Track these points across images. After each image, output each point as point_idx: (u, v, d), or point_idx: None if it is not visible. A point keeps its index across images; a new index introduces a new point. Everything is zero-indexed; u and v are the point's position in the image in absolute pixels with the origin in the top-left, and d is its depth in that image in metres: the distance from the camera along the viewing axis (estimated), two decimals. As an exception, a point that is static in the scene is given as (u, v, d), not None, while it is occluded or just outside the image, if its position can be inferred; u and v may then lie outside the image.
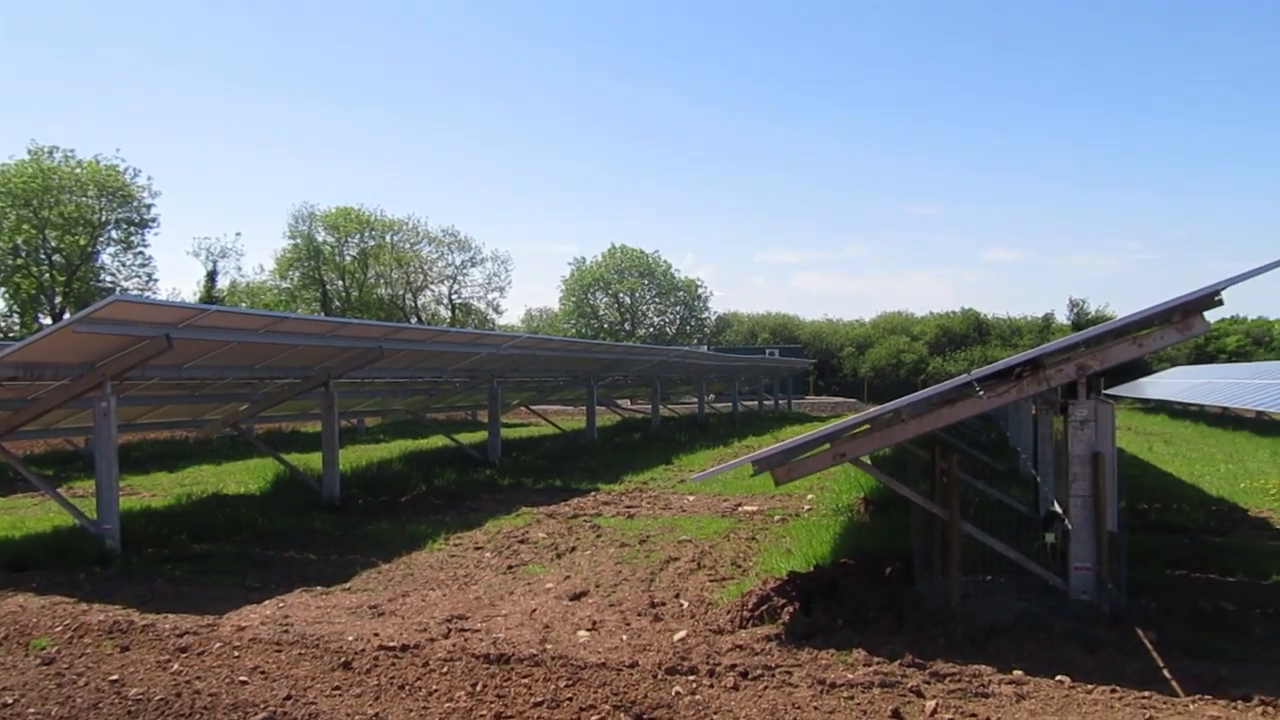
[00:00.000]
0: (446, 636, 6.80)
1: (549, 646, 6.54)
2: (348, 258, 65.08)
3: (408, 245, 67.09)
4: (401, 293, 67.55)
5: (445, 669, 6.06)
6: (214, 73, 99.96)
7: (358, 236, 65.06)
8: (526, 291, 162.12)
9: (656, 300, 73.04)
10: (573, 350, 20.82)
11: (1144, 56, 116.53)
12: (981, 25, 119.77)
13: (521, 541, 10.63)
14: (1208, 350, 65.53)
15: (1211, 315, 6.90)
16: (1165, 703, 5.24)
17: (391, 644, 6.54)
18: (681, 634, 6.76)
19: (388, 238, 66.10)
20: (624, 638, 6.75)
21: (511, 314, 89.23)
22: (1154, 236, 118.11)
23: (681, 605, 7.65)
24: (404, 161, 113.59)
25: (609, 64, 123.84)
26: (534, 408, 29.75)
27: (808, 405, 50.13)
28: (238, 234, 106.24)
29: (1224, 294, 6.53)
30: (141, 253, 55.22)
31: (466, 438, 22.77)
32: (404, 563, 9.53)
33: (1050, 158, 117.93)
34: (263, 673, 6.08)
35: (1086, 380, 6.91)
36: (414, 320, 64.49)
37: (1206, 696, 5.31)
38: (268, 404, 14.97)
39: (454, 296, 69.31)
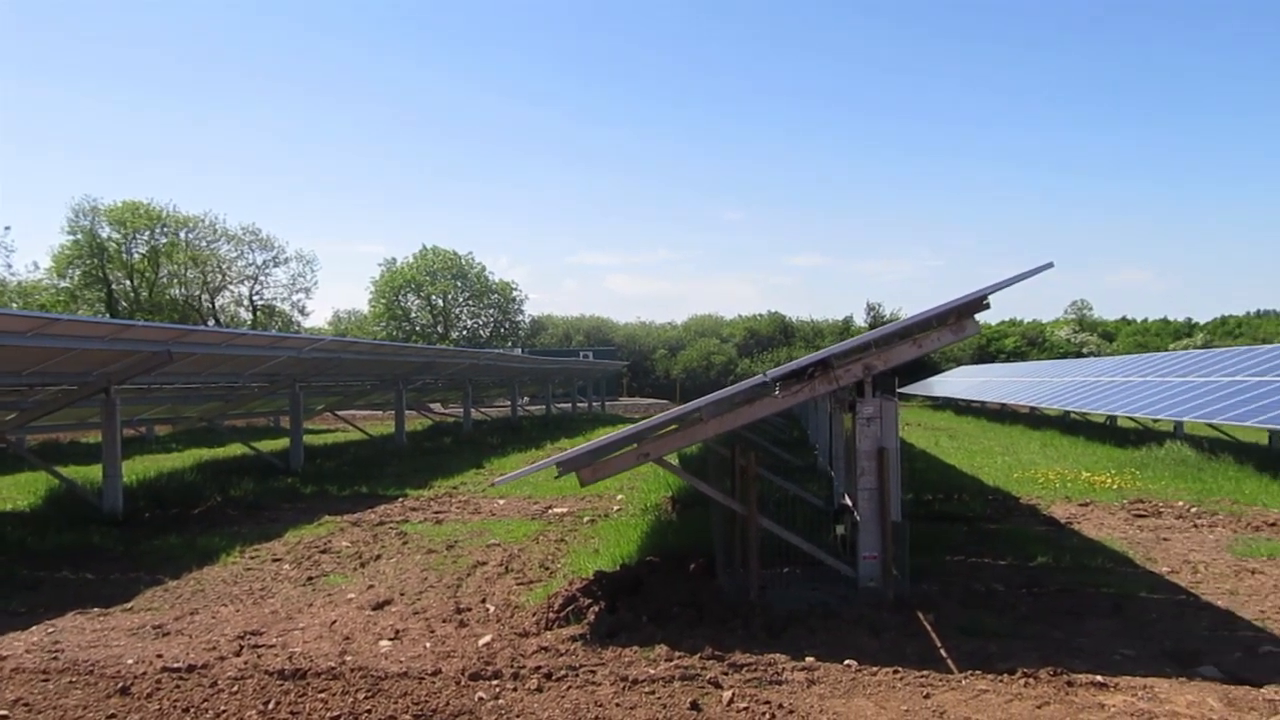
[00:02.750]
0: (238, 654, 6.47)
1: (349, 658, 6.34)
2: (136, 255, 60.80)
3: (204, 243, 63.35)
4: (198, 293, 63.79)
5: (235, 688, 5.76)
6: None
7: (148, 233, 60.84)
8: (335, 293, 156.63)
9: (470, 303, 72.12)
10: (381, 353, 20.28)
11: (933, 68, 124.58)
12: (786, 31, 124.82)
13: (323, 551, 10.26)
14: (989, 350, 70.70)
15: (984, 317, 7.44)
16: (941, 679, 5.60)
17: (176, 665, 6.16)
18: (487, 639, 6.70)
19: (182, 235, 62.16)
20: (428, 645, 6.63)
21: (318, 316, 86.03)
22: (942, 243, 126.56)
23: (488, 610, 7.58)
24: (199, 157, 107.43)
25: (417, 59, 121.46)
26: (340, 413, 28.77)
27: (621, 407, 50.72)
28: (6, 228, 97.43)
29: (998, 298, 7.05)
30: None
31: (267, 445, 21.78)
32: (194, 579, 9.01)
33: (850, 167, 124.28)
34: (26, 705, 5.59)
35: (873, 379, 7.30)
36: (211, 323, 60.99)
37: (977, 672, 5.72)
38: (40, 413, 13.81)
39: (255, 298, 66.07)
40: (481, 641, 6.65)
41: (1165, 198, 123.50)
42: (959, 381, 48.19)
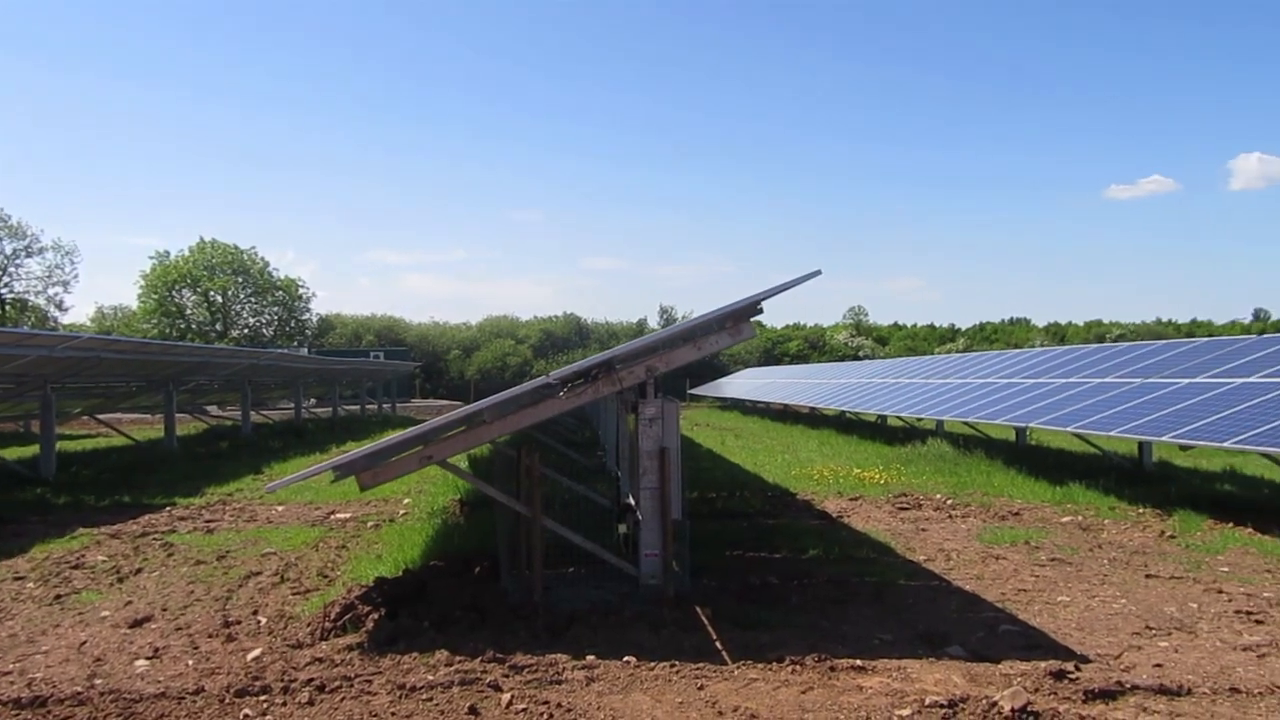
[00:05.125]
0: (-34, 684, 5.87)
1: (99, 682, 5.87)
2: None
3: (-61, 230, 57.20)
4: (-69, 285, 57.49)
5: (-39, 721, 5.22)
6: None
7: None
8: (100, 287, 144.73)
9: (252, 300, 68.33)
10: (148, 352, 18.95)
11: (728, 75, 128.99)
12: (583, 34, 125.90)
13: (75, 567, 9.45)
14: (775, 353, 73.92)
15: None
16: (715, 671, 5.79)
17: (-111, 699, 5.52)
18: (256, 652, 6.38)
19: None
20: (190, 663, 6.23)
21: (79, 312, 79.08)
22: (734, 249, 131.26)
23: (259, 622, 7.22)
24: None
25: (195, 36, 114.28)
26: (102, 417, 26.63)
27: (414, 408, 49.59)
28: None
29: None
30: None
31: (13, 452, 19.92)
32: (-83, 602, 8.10)
33: (645, 173, 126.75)
34: None
35: (655, 380, 7.47)
36: (-50, 317, 55.14)
37: (749, 661, 5.95)
38: None
39: (4, 290, 60.17)
40: (250, 656, 6.32)
41: (937, 210, 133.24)
42: (746, 383, 50.09)
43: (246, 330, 67.04)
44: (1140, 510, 11.84)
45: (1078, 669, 5.79)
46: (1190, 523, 10.85)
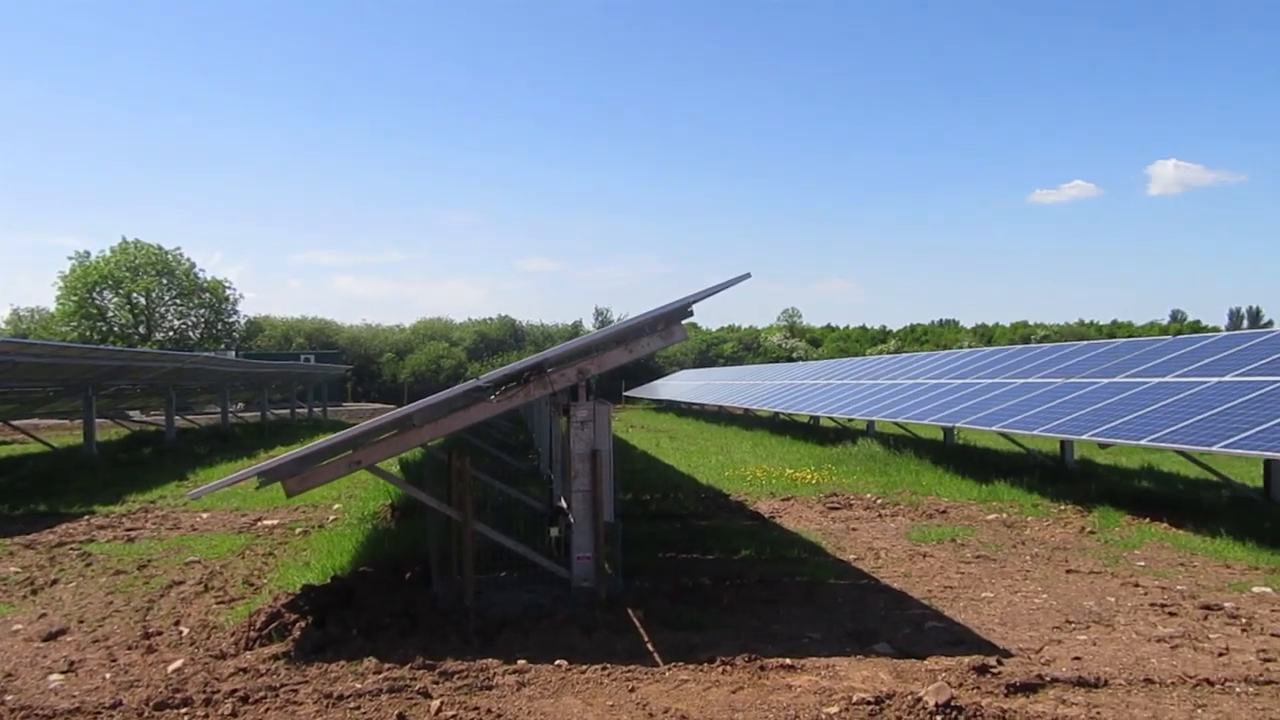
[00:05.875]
0: None
1: (9, 698, 5.67)
2: None
3: None
4: None
5: None
6: None
7: None
8: (15, 289, 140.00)
9: (178, 302, 66.62)
10: (65, 356, 18.37)
11: (665, 78, 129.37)
12: (516, 39, 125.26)
13: (-13, 579, 9.13)
14: (710, 355, 74.35)
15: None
16: (647, 673, 5.80)
17: None
18: (178, 664, 6.22)
19: None
20: (108, 676, 6.05)
21: (-8, 314, 76.46)
22: (670, 252, 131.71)
23: (181, 633, 7.04)
24: None
25: (121, 32, 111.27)
26: (16, 423, 25.75)
27: (346, 412, 48.84)
28: None
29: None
30: None
31: (-77, 461, 19.14)
32: None
33: (580, 176, 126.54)
34: None
35: (587, 383, 7.45)
36: None
37: (680, 663, 5.96)
38: None
39: (-89, 292, 57.86)
40: (171, 668, 6.16)
41: (868, 213, 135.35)
42: (681, 385, 50.30)
43: (172, 333, 65.35)
44: (1062, 507, 12.16)
45: (1000, 663, 5.92)
46: (1109, 519, 11.17)
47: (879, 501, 13.21)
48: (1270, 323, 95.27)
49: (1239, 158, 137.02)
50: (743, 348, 77.52)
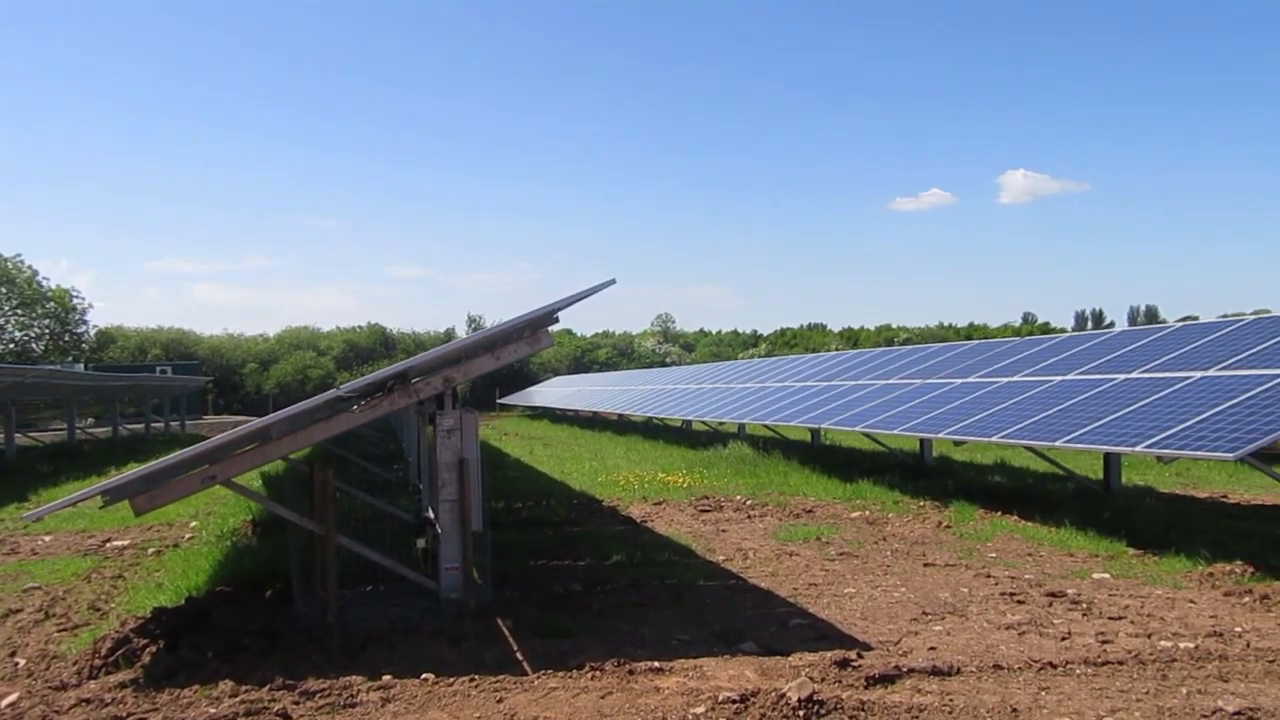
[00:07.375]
0: None
1: None
2: None
3: None
4: None
5: None
6: None
7: None
8: None
9: (19, 312, 62.70)
10: (-111, 371, 17.04)
11: (518, 86, 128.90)
12: (388, 39, 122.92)
13: None
14: (584, 361, 74.39)
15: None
16: (516, 682, 5.75)
17: None
18: (12, 698, 5.84)
19: None
20: (-67, 715, 5.65)
21: None
22: (542, 258, 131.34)
23: (17, 664, 6.61)
24: None
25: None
26: None
27: (206, 425, 46.79)
28: None
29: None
30: None
31: None
32: None
33: (449, 181, 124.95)
34: None
35: (453, 391, 7.36)
36: None
37: (550, 671, 5.94)
38: None
39: None
40: (5, 702, 5.78)
41: (737, 218, 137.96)
42: (555, 391, 50.18)
43: (12, 345, 61.46)
44: (921, 503, 12.64)
45: (860, 656, 6.11)
46: (964, 513, 11.67)
47: (748, 503, 13.46)
48: (1112, 324, 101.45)
49: (1082, 168, 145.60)
50: (617, 353, 77.87)
